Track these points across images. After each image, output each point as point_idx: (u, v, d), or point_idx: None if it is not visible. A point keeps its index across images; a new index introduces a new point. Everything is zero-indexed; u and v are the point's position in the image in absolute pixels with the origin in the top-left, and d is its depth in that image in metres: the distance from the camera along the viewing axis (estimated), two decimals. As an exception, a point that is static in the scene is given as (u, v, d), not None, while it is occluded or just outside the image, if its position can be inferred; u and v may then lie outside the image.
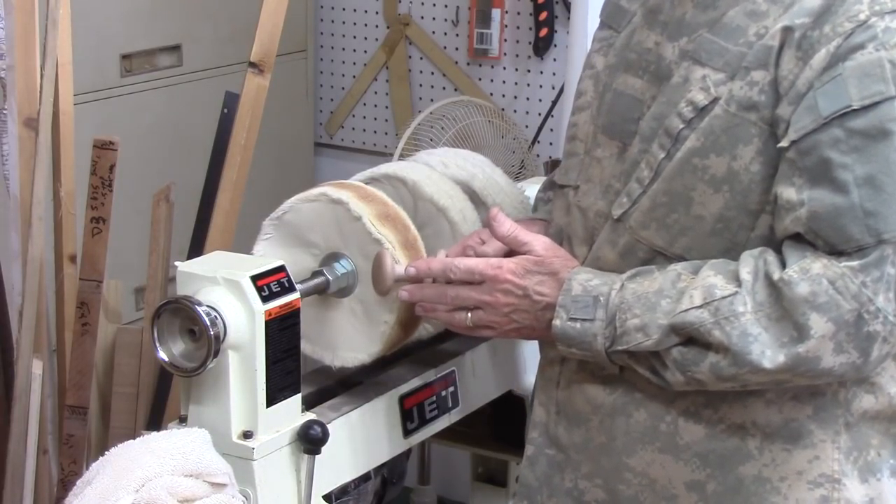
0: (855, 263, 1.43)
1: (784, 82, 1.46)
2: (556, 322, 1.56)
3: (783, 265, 1.46)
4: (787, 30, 1.46)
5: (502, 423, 2.10)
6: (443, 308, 1.63)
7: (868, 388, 1.54)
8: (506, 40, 3.22)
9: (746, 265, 1.48)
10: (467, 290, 1.61)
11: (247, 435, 1.58)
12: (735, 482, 1.56)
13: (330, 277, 1.71)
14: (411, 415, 1.83)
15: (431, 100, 3.26)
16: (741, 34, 1.50)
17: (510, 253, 1.66)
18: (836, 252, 1.44)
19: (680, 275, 1.51)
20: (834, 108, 1.43)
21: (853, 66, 1.43)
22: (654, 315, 1.50)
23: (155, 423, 2.27)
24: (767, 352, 1.45)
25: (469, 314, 1.61)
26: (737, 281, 1.47)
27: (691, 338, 1.49)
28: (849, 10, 1.44)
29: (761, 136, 1.48)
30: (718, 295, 1.47)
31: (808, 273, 1.44)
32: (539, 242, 1.62)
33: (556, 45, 3.14)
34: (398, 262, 1.67)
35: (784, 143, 1.46)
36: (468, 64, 3.30)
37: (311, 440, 1.61)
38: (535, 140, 3.13)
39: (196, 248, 2.25)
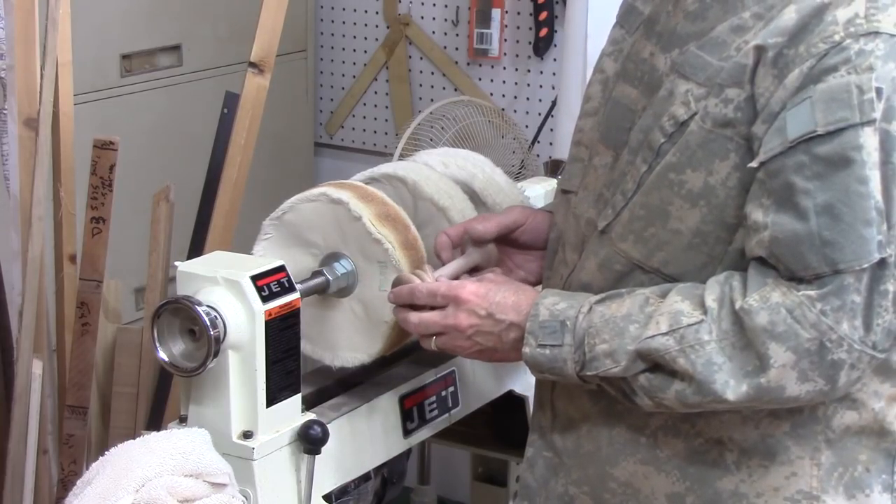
0: (813, 293, 1.41)
1: (761, 99, 1.44)
2: (526, 349, 1.55)
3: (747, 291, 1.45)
4: (760, 48, 1.44)
5: (502, 423, 2.10)
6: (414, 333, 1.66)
7: (849, 405, 1.52)
8: (506, 40, 3.22)
9: (712, 292, 1.46)
10: (431, 316, 1.62)
11: (247, 435, 1.58)
12: (713, 496, 1.55)
13: (330, 277, 1.71)
14: (411, 415, 1.83)
15: (431, 100, 3.26)
16: (725, 49, 1.48)
17: (507, 236, 1.73)
18: (795, 278, 1.42)
19: (648, 299, 1.50)
20: (800, 132, 1.40)
21: (823, 90, 1.40)
22: (622, 341, 1.49)
23: (155, 423, 2.26)
24: (731, 382, 1.43)
25: (434, 338, 1.62)
26: (703, 308, 1.46)
27: (657, 364, 1.47)
28: (824, 30, 1.41)
29: (738, 151, 1.46)
30: (685, 322, 1.45)
31: (767, 302, 1.42)
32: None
33: (556, 45, 3.14)
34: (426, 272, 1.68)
35: (754, 164, 1.44)
36: (468, 64, 3.30)
37: (311, 440, 1.61)
38: (535, 140, 3.13)
39: (196, 248, 2.25)
